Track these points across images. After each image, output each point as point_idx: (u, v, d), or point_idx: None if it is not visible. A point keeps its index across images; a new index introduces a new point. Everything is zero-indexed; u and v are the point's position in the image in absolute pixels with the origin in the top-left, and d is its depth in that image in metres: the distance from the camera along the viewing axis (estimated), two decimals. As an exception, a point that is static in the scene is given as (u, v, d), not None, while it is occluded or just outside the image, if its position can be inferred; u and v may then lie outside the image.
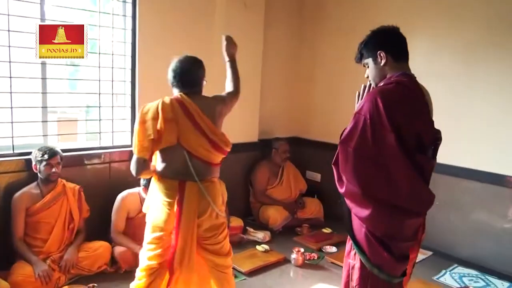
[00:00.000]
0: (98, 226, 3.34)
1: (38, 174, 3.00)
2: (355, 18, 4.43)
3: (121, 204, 3.27)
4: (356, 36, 1.97)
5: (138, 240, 3.11)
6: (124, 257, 3.14)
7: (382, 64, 1.79)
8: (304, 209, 4.37)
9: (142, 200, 3.29)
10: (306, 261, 3.50)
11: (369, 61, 1.83)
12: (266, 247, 3.66)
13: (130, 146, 3.66)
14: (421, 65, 3.50)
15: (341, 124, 1.83)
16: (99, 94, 3.57)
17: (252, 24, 4.22)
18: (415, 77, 1.80)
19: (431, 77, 2.81)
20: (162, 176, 2.22)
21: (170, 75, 2.32)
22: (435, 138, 1.80)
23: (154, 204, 2.24)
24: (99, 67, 3.50)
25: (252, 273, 3.29)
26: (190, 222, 2.13)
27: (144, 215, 3.21)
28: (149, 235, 2.24)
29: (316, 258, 3.57)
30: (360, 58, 1.88)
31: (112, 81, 3.60)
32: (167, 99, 2.20)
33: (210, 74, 2.64)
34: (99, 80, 3.54)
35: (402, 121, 1.63)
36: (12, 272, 2.76)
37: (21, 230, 2.95)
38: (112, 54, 3.54)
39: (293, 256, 3.48)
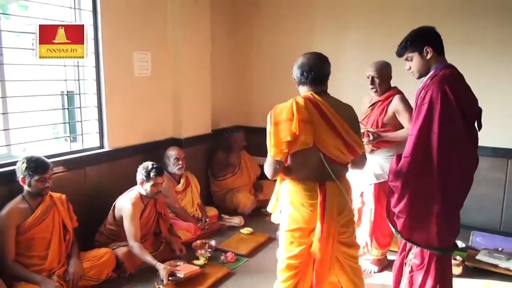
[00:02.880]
0: (81, 233, 3.13)
1: (26, 188, 2.72)
2: (284, 11, 4.82)
3: (135, 211, 3.13)
4: (286, 24, 2.23)
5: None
6: (128, 256, 3.05)
7: (428, 57, 2.16)
8: (263, 191, 4.66)
9: (143, 199, 3.24)
10: (289, 236, 3.81)
11: (415, 55, 2.18)
12: (250, 229, 3.87)
13: (101, 147, 3.52)
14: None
15: None
16: (67, 94, 3.33)
17: (200, 19, 4.29)
18: (454, 66, 2.21)
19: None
20: (298, 177, 2.16)
21: (297, 72, 2.21)
22: (479, 113, 2.21)
23: (290, 205, 2.18)
24: (65, 65, 3.26)
25: (250, 254, 3.48)
26: (332, 221, 2.12)
27: (147, 214, 3.21)
28: (288, 236, 2.21)
29: (294, 232, 3.90)
30: (403, 52, 2.22)
31: (78, 80, 3.37)
32: (300, 100, 2.12)
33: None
34: (66, 80, 3.30)
35: (466, 102, 2.05)
36: (21, 296, 2.50)
37: (12, 251, 2.65)
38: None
39: (278, 232, 3.74)
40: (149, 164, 3.22)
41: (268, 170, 2.16)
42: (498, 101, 3.95)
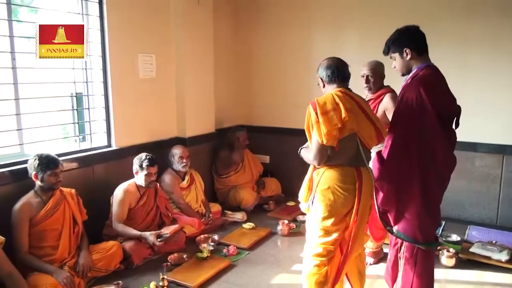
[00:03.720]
0: (90, 227, 3.29)
1: (38, 183, 2.89)
2: (284, 11, 4.97)
3: (124, 196, 3.35)
4: (286, 25, 2.32)
5: (136, 227, 3.37)
6: (135, 249, 3.22)
7: (408, 58, 2.26)
8: (265, 189, 4.81)
9: (139, 189, 3.43)
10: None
11: (396, 55, 2.30)
12: (252, 224, 4.01)
13: (108, 146, 3.69)
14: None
15: (278, 109, 2.16)
16: (76, 96, 3.50)
17: (203, 19, 4.44)
18: (435, 66, 2.30)
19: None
20: (336, 164, 2.32)
21: (326, 72, 2.41)
22: (458, 112, 2.29)
23: (327, 191, 2.32)
24: (74, 68, 3.43)
25: (252, 247, 3.63)
26: (366, 204, 2.33)
27: (143, 204, 3.36)
28: (324, 222, 2.34)
29: (295, 227, 4.04)
30: (387, 52, 2.34)
31: (86, 82, 3.54)
32: (337, 92, 2.32)
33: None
34: (75, 82, 3.47)
35: (442, 103, 2.15)
36: (34, 285, 2.66)
37: (26, 242, 2.82)
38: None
39: (279, 227, 3.91)
40: (143, 155, 3.42)
41: (316, 157, 2.30)
42: (493, 98, 4.06)
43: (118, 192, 3.35)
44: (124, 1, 3.67)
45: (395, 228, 2.36)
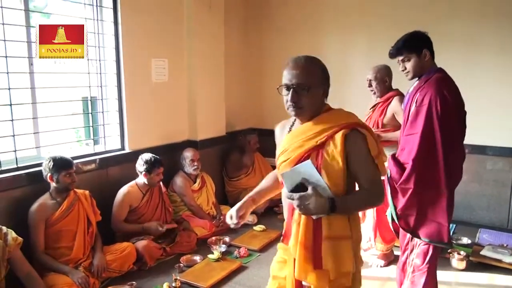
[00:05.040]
0: (104, 229, 3.35)
1: (53, 184, 2.96)
2: (293, 16, 5.01)
3: (123, 199, 3.45)
4: (295, 29, 2.31)
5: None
6: (148, 249, 3.28)
7: (426, 59, 2.29)
8: (276, 191, 4.84)
9: (141, 188, 3.52)
10: (300, 233, 3.97)
11: (413, 56, 2.30)
12: (263, 226, 4.05)
13: (122, 149, 3.76)
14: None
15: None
16: (90, 100, 3.57)
17: (214, 25, 4.50)
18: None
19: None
20: None
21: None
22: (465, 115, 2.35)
23: None
24: (89, 73, 3.51)
25: (262, 249, 3.67)
26: None
27: (148, 201, 3.52)
28: None
29: (305, 229, 4.06)
30: (401, 53, 2.33)
31: (101, 86, 3.62)
32: None
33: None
34: (89, 86, 3.54)
35: (459, 104, 2.21)
36: (51, 284, 2.73)
37: (42, 243, 2.91)
38: (99, 60, 3.56)
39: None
40: (147, 157, 3.51)
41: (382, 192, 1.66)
42: (504, 100, 4.06)
43: (118, 195, 3.46)
44: (138, 7, 3.75)
45: (416, 232, 2.34)
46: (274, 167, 5.33)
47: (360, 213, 3.28)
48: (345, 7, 4.69)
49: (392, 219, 2.43)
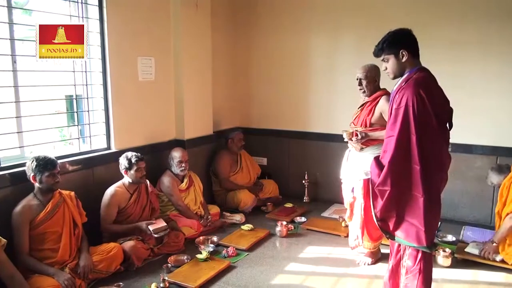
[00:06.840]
0: (90, 229, 3.30)
1: (36, 185, 2.91)
2: (281, 15, 5.01)
3: (111, 200, 3.40)
4: (284, 29, 2.27)
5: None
6: (135, 250, 3.24)
7: (403, 60, 2.25)
8: (264, 190, 4.84)
9: (128, 189, 3.48)
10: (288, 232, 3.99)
11: (391, 57, 2.27)
12: (251, 226, 4.04)
13: (108, 149, 3.71)
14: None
15: (275, 112, 1.99)
16: (75, 98, 3.52)
17: (201, 24, 4.48)
18: (427, 69, 2.31)
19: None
20: None
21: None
22: (450, 113, 2.33)
23: None
24: (74, 71, 3.45)
25: (251, 249, 3.66)
26: None
27: (135, 201, 3.47)
28: None
29: (293, 228, 4.08)
30: (381, 53, 2.31)
31: (86, 85, 3.56)
32: None
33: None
34: (75, 85, 3.49)
35: (438, 104, 2.17)
36: (36, 287, 2.67)
37: (27, 245, 2.84)
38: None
39: (278, 228, 3.94)
40: (128, 153, 3.49)
41: None
42: (487, 100, 4.12)
43: (106, 196, 3.41)
44: (124, 5, 3.70)
45: (396, 235, 2.34)
46: (261, 166, 5.40)
47: (348, 212, 3.35)
48: (333, 7, 4.70)
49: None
